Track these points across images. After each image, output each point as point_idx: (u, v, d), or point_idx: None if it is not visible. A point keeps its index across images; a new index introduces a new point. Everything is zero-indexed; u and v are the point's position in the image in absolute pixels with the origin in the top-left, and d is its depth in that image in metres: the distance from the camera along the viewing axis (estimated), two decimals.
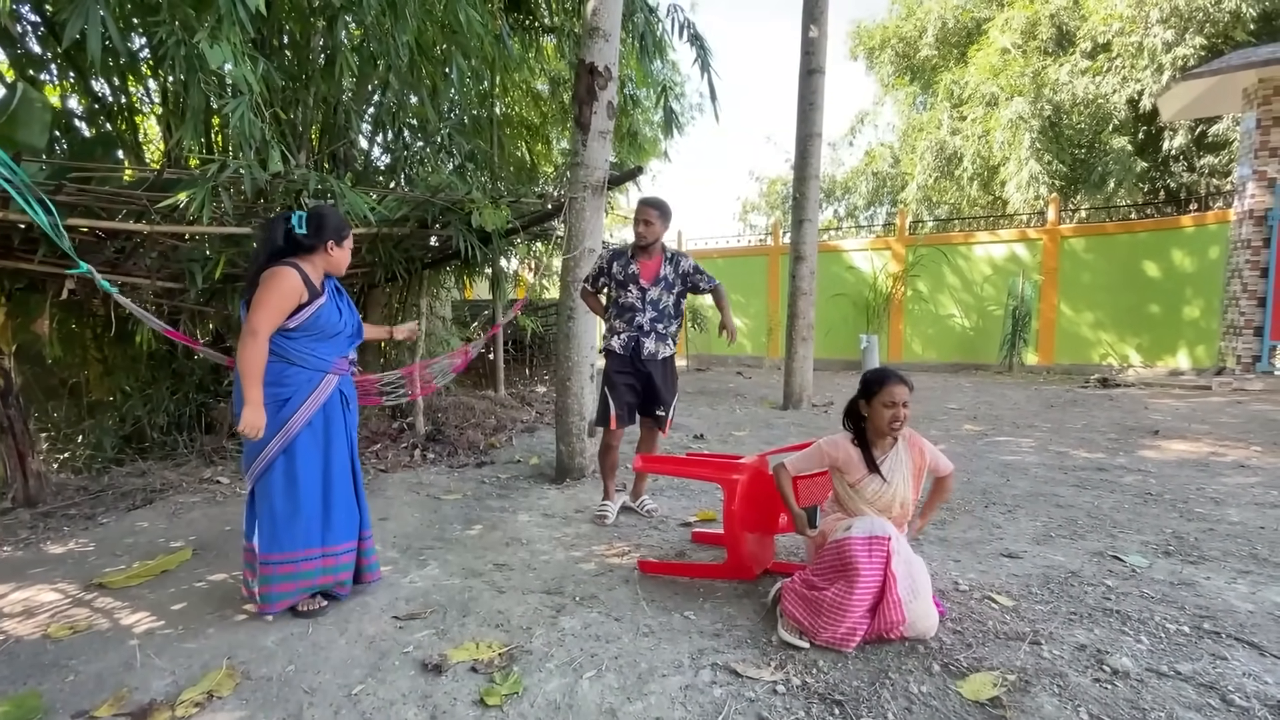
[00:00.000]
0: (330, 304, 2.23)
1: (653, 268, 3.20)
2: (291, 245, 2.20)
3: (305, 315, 2.16)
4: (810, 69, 6.41)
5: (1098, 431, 4.97)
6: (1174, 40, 11.01)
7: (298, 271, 2.13)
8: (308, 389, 2.18)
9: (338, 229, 2.23)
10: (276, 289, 2.09)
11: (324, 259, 2.23)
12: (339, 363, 2.29)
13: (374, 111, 5.91)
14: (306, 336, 2.18)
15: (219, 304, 4.67)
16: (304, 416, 2.18)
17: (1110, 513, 3.12)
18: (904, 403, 2.11)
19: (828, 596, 1.99)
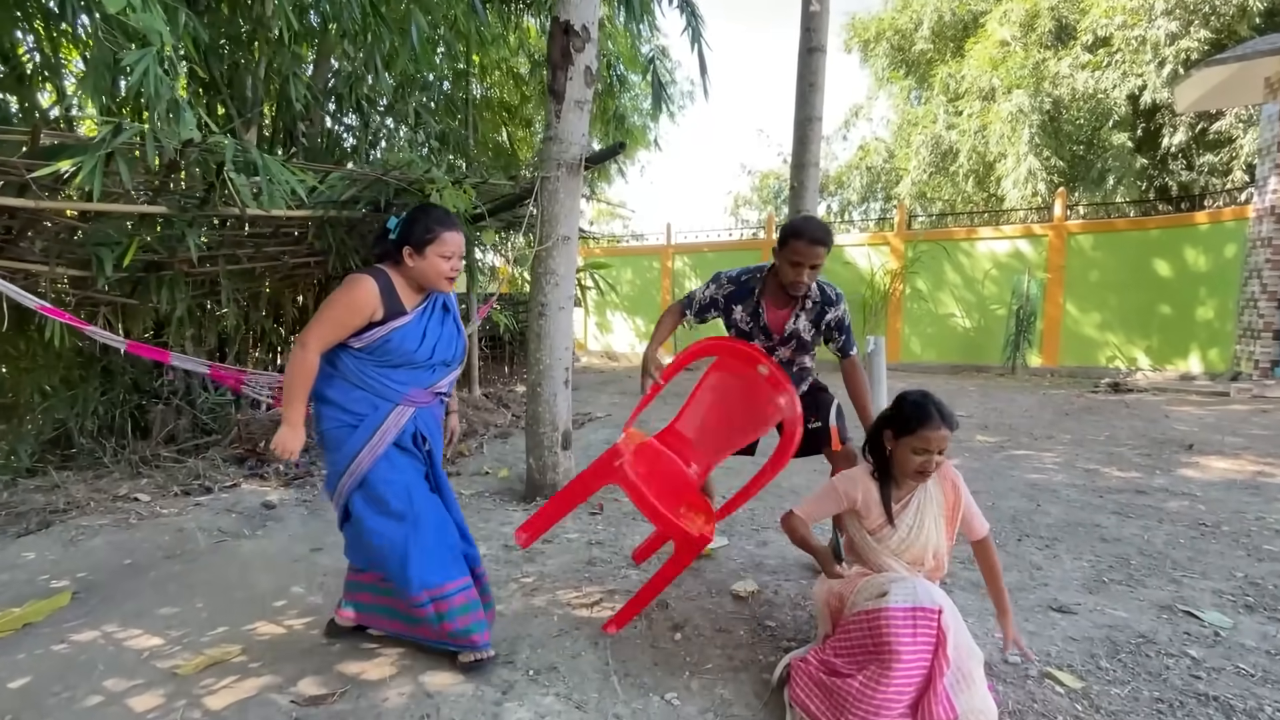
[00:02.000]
0: (413, 328, 1.81)
1: (785, 317, 2.24)
2: (388, 250, 1.85)
3: (372, 337, 1.77)
4: (811, 46, 5.92)
5: (1124, 445, 4.55)
6: (1179, 33, 10.68)
7: (378, 283, 1.76)
8: (375, 420, 1.81)
9: (418, 233, 1.77)
10: (342, 300, 1.73)
11: (408, 270, 1.81)
12: (416, 394, 1.87)
13: (332, 85, 5.37)
14: (374, 361, 1.81)
15: (144, 296, 4.13)
16: (374, 451, 1.81)
17: (1166, 550, 2.68)
18: (940, 450, 1.66)
19: (854, 687, 1.52)
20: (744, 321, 2.31)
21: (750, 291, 2.28)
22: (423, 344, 1.83)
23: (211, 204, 3.23)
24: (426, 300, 1.87)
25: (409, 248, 1.77)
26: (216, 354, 5.19)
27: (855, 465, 2.03)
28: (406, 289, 1.82)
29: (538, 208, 3.46)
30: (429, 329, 1.85)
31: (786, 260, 2.11)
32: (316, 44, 4.99)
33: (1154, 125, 12.07)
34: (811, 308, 2.25)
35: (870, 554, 1.77)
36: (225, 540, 3.00)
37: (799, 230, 2.09)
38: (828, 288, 2.26)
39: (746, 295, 2.28)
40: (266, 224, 3.88)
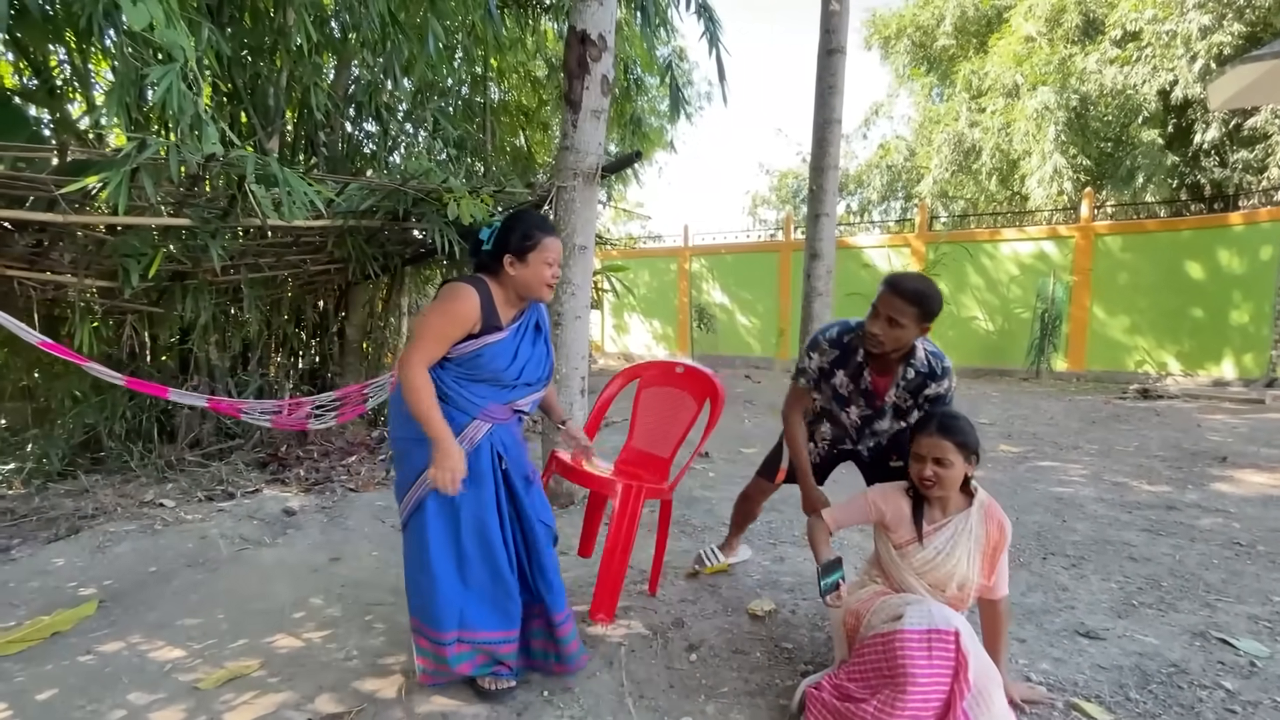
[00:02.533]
0: (506, 345, 1.75)
1: (884, 385, 2.02)
2: (485, 263, 1.79)
3: (464, 349, 1.72)
4: (830, 48, 5.86)
5: (1154, 456, 4.43)
6: (1211, 26, 10.37)
7: (479, 293, 1.70)
8: (454, 430, 1.72)
9: (519, 240, 1.72)
10: (445, 312, 1.67)
11: (509, 280, 1.74)
12: (495, 409, 1.79)
13: (351, 92, 5.41)
14: (458, 373, 1.75)
15: (169, 304, 4.20)
16: None
17: (1199, 571, 2.59)
18: (937, 458, 1.65)
19: (868, 712, 1.49)
20: (844, 386, 2.07)
21: (853, 353, 2.03)
22: (513, 364, 1.77)
23: (234, 215, 3.28)
24: (522, 316, 1.82)
25: (510, 256, 1.71)
26: (240, 358, 5.28)
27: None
28: (504, 302, 1.76)
29: (553, 217, 3.46)
30: (521, 349, 1.79)
31: (871, 306, 1.91)
32: (336, 54, 5.04)
33: (1185, 121, 11.74)
34: (914, 378, 1.97)
35: (893, 569, 1.75)
36: (247, 548, 3.04)
37: (890, 279, 1.89)
38: (935, 359, 1.98)
39: (849, 358, 2.04)
40: (287, 233, 3.93)
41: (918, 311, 1.83)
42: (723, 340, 11.77)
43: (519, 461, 1.86)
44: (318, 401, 3.21)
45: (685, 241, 12.37)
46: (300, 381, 5.66)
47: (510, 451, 1.83)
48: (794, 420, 2.18)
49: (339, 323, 5.74)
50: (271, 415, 2.99)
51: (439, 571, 1.72)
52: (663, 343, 12.79)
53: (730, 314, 11.93)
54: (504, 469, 1.80)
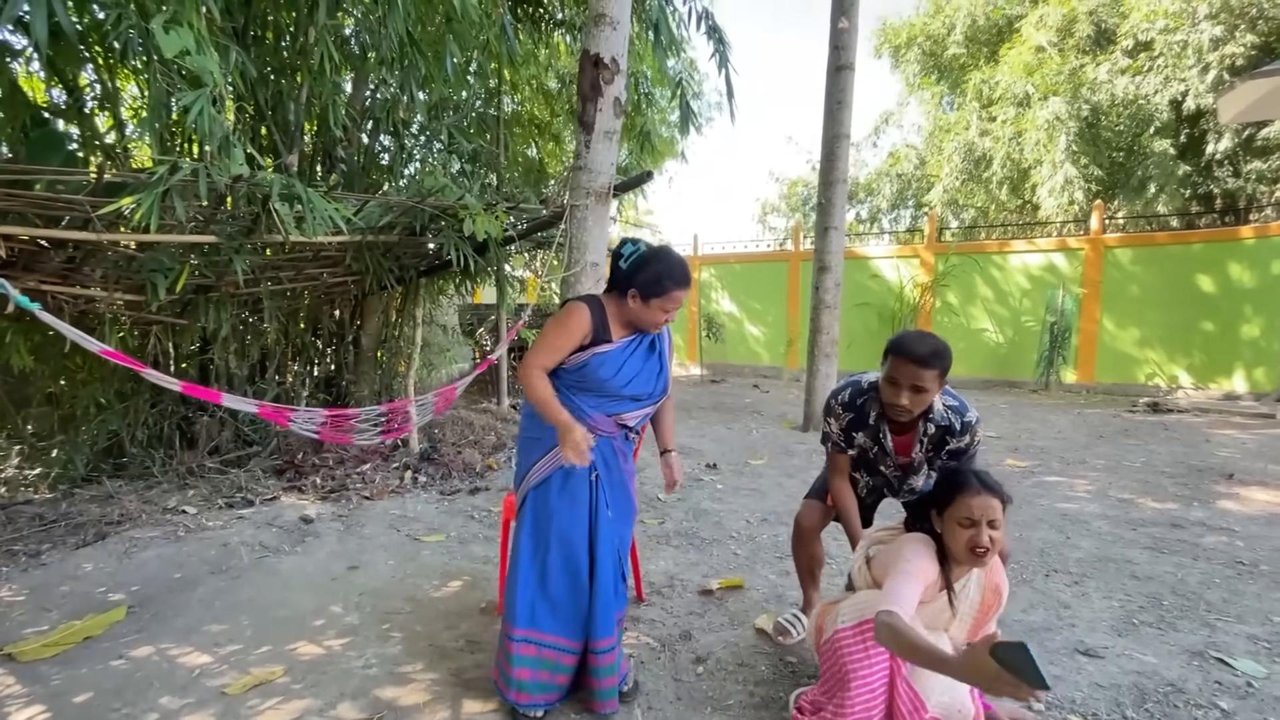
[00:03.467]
0: (614, 356, 1.86)
1: (909, 442, 2.01)
2: (616, 278, 1.91)
3: (575, 359, 1.86)
4: (839, 65, 5.93)
5: (1161, 473, 4.44)
6: (1223, 37, 10.37)
7: (592, 310, 1.85)
8: (551, 439, 1.83)
9: (648, 281, 1.80)
10: (558, 325, 1.84)
11: (626, 308, 1.87)
12: (600, 420, 1.88)
13: (369, 107, 5.54)
14: (569, 380, 1.88)
15: (193, 316, 4.33)
16: (542, 471, 1.88)
17: (1200, 590, 2.63)
18: (990, 521, 1.53)
19: (826, 718, 1.56)
20: (868, 448, 2.06)
21: (866, 416, 2.01)
22: (618, 374, 1.86)
23: (258, 232, 3.39)
24: (636, 335, 1.91)
25: (635, 291, 1.82)
26: (258, 366, 5.40)
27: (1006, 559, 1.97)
28: (619, 321, 1.88)
29: (566, 234, 3.54)
30: (629, 361, 1.88)
31: (885, 378, 1.88)
32: (355, 71, 5.17)
33: (1198, 131, 11.71)
34: (934, 432, 1.94)
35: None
36: (267, 556, 3.14)
37: (899, 346, 1.84)
38: (956, 414, 1.93)
39: (863, 422, 2.03)
40: (307, 248, 4.04)
41: (938, 373, 1.81)
42: (731, 349, 11.81)
43: (617, 479, 1.93)
44: (363, 415, 3.30)
45: (695, 251, 12.45)
46: (316, 389, 5.78)
47: (610, 467, 1.91)
48: (841, 489, 2.11)
49: (354, 332, 5.86)
50: (318, 425, 3.09)
51: (522, 569, 1.84)
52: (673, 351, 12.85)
53: (739, 323, 11.98)
54: (594, 478, 1.87)
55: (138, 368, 2.56)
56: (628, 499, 1.99)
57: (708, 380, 10.79)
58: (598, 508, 1.87)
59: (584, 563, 1.84)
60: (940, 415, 1.93)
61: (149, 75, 3.09)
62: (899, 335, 1.88)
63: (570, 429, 1.74)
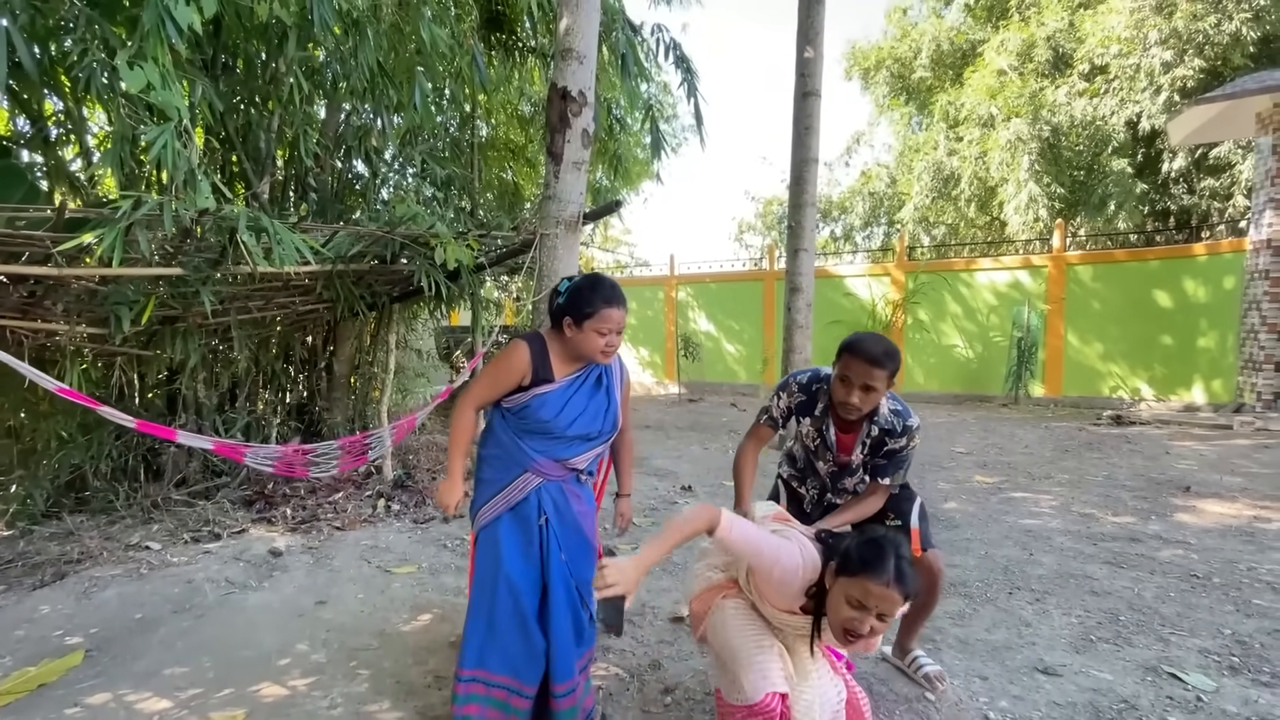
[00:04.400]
0: (555, 397, 1.83)
1: (849, 443, 2.04)
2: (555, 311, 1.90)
3: (517, 400, 1.85)
4: (805, 91, 6.09)
5: (1123, 487, 4.56)
6: (1173, 61, 10.85)
7: (532, 348, 1.84)
8: (501, 481, 1.86)
9: (579, 305, 1.78)
10: (497, 362, 1.85)
11: (565, 339, 1.84)
12: (545, 464, 1.85)
13: (342, 134, 5.56)
14: (515, 423, 1.87)
15: (159, 347, 4.27)
16: (492, 511, 1.87)
17: (1155, 604, 2.70)
18: (882, 614, 1.38)
19: None
20: (810, 438, 2.08)
21: (815, 403, 2.04)
22: (561, 414, 1.81)
23: (225, 264, 3.37)
24: (581, 371, 1.87)
25: (569, 319, 1.80)
26: (228, 395, 5.33)
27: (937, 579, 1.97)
28: (562, 357, 1.85)
29: (536, 262, 3.58)
30: (572, 400, 1.84)
31: (837, 375, 1.91)
32: (327, 99, 5.19)
33: (1153, 151, 12.19)
34: (878, 435, 1.97)
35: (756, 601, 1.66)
36: (232, 593, 3.08)
37: (853, 345, 1.88)
38: (899, 418, 1.96)
39: (812, 407, 2.04)
40: (277, 278, 4.02)
41: (889, 373, 1.86)
42: (708, 368, 11.90)
43: (569, 522, 1.88)
44: (318, 450, 3.26)
45: (671, 271, 12.57)
46: (288, 417, 5.70)
47: (561, 511, 1.87)
48: (744, 449, 2.13)
49: (327, 358, 5.81)
50: (274, 461, 3.05)
51: (472, 609, 1.84)
52: (650, 369, 12.91)
53: (717, 342, 12.09)
54: (542, 523, 1.84)
55: (93, 405, 2.52)
56: (583, 541, 1.92)
57: (685, 399, 10.84)
58: (549, 552, 1.83)
59: (532, 607, 1.81)
60: (885, 419, 1.96)
61: (113, 109, 3.08)
62: (853, 335, 1.93)
63: (452, 486, 1.84)
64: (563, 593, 1.83)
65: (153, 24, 2.91)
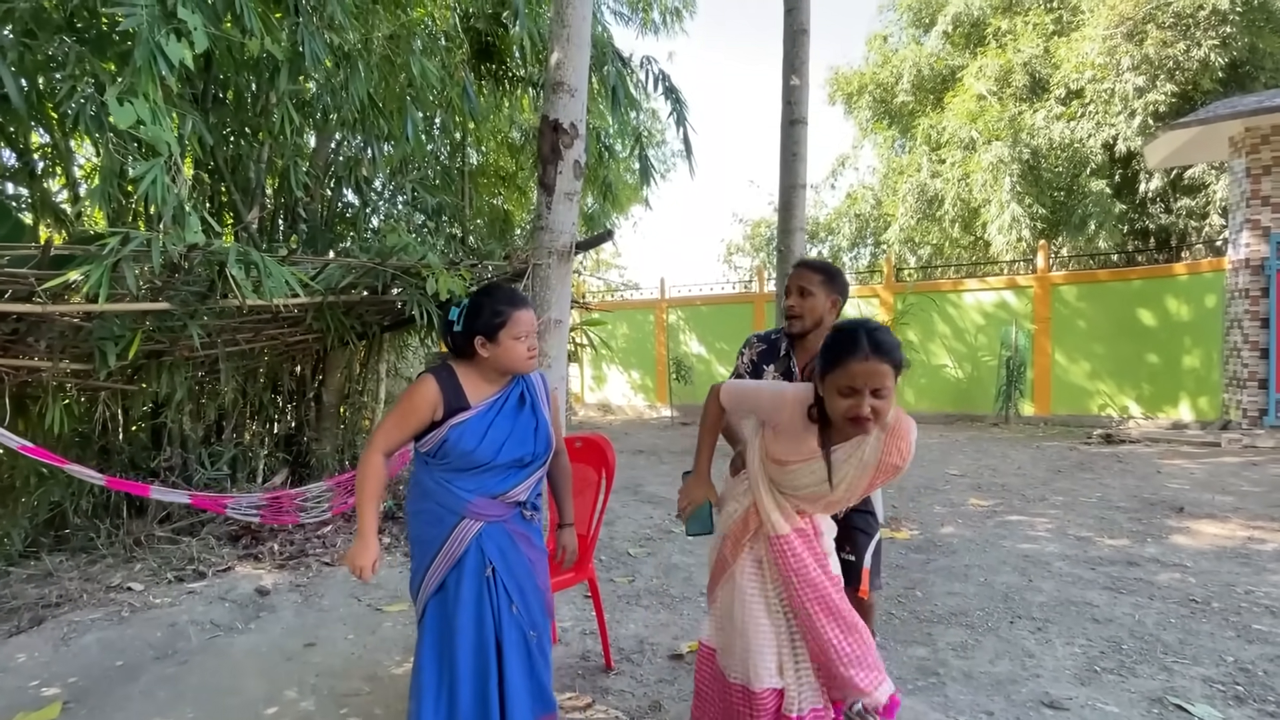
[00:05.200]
0: (474, 425, 1.66)
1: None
2: (455, 344, 1.75)
3: (431, 439, 1.67)
4: (793, 119, 6.19)
5: (1117, 508, 4.57)
6: (1146, 86, 11.18)
7: (440, 380, 1.68)
8: (437, 536, 1.66)
9: (485, 320, 1.66)
10: (402, 401, 1.68)
11: (483, 360, 1.69)
12: (480, 503, 1.66)
13: (332, 164, 5.57)
14: (438, 466, 1.69)
15: (145, 381, 4.20)
16: (436, 575, 1.67)
17: (1157, 631, 2.69)
18: (874, 389, 1.38)
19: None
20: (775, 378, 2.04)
21: (778, 348, 2.06)
22: (484, 441, 1.65)
23: (213, 298, 3.34)
24: (499, 393, 1.72)
25: (480, 337, 1.66)
26: (214, 427, 5.24)
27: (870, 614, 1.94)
28: (478, 382, 1.70)
29: (529, 291, 3.57)
30: (495, 424, 1.67)
31: (785, 290, 2.03)
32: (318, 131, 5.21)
33: (1130, 172, 12.48)
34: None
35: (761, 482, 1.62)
36: (218, 635, 2.99)
37: (798, 261, 2.04)
38: None
39: (775, 352, 2.07)
40: (266, 310, 3.99)
41: (823, 278, 1.97)
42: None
43: (520, 568, 1.71)
44: (307, 493, 3.19)
45: (662, 294, 12.62)
46: (275, 448, 5.61)
47: (507, 556, 1.69)
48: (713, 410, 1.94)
49: (316, 388, 5.74)
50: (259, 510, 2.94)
51: (424, 683, 1.65)
52: (641, 393, 12.88)
53: (708, 364, 12.10)
54: (489, 574, 1.66)
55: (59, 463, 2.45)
56: (536, 589, 1.73)
57: (678, 422, 10.81)
58: (499, 606, 1.66)
59: (489, 666, 1.64)
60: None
61: (102, 143, 3.07)
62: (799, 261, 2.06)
63: (364, 548, 1.62)
64: (515, 650, 1.66)
65: (144, 60, 2.91)
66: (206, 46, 3.25)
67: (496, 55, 6.27)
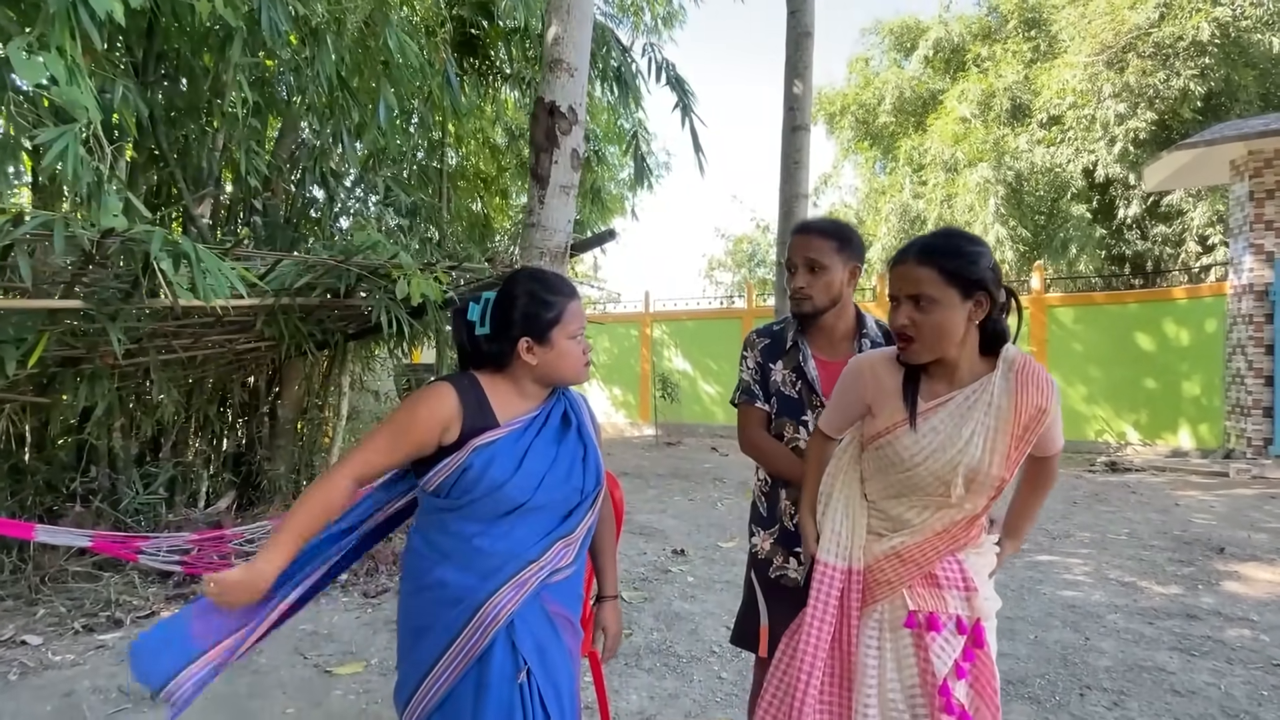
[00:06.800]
0: (507, 446, 1.21)
1: (840, 370, 1.52)
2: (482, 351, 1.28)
3: (443, 471, 1.18)
4: (795, 125, 5.87)
5: (1151, 546, 4.25)
6: (1126, 114, 11.28)
7: (458, 391, 1.21)
8: (450, 622, 1.17)
9: (532, 315, 1.23)
10: (402, 412, 1.21)
11: (527, 369, 1.25)
12: (519, 574, 1.19)
13: (296, 155, 5.06)
14: (457, 509, 1.20)
15: (60, 392, 3.62)
16: (443, 681, 1.17)
17: (1251, 707, 2.30)
18: (912, 295, 1.14)
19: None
20: (788, 384, 1.63)
21: (784, 340, 1.65)
22: (520, 471, 1.19)
23: (138, 296, 2.81)
24: (537, 409, 1.28)
25: (526, 339, 1.22)
26: (151, 444, 4.67)
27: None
28: (511, 396, 1.26)
29: None
30: (534, 449, 1.23)
31: (786, 265, 1.64)
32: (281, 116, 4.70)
33: (1108, 198, 12.59)
34: (871, 349, 1.56)
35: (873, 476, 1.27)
36: (124, 708, 2.43)
37: (796, 226, 1.68)
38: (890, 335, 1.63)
39: (781, 345, 1.65)
40: (208, 313, 3.45)
41: (836, 244, 1.55)
42: (685, 408, 11.47)
43: (556, 670, 1.22)
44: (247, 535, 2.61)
45: (647, 308, 12.23)
46: (222, 468, 5.04)
47: (546, 653, 1.21)
48: (757, 436, 1.68)
49: (271, 402, 5.18)
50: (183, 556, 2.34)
51: None
52: (623, 410, 12.42)
53: (693, 381, 11.71)
54: (523, 677, 1.18)
55: None
56: (572, 695, 1.27)
57: (663, 442, 10.36)
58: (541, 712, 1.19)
59: None
60: (874, 330, 1.64)
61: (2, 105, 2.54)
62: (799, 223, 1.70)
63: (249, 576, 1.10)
64: None
65: (60, 8, 2.41)
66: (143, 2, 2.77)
67: (481, 49, 5.86)
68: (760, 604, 1.67)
